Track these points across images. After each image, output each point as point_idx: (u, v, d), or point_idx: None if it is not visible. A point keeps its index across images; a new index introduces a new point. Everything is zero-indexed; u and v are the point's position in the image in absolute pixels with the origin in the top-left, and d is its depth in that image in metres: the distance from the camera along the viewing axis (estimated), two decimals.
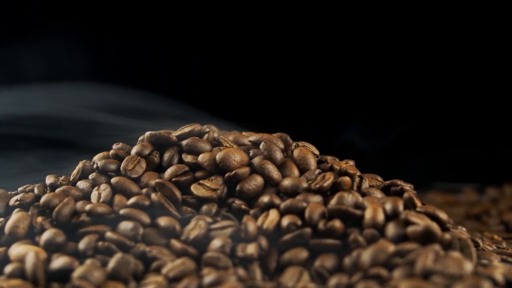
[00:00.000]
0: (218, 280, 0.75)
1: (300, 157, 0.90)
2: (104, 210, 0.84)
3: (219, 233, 0.82)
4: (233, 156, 0.89)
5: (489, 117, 1.47)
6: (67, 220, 0.84)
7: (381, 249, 0.76)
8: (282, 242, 0.81)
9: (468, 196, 1.41)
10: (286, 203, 0.84)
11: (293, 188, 0.86)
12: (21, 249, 0.80)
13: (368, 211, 0.81)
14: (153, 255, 0.80)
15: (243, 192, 0.87)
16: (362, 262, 0.76)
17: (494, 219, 1.25)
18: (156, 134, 0.93)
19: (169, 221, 0.83)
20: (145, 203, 0.84)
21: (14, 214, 0.85)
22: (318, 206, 0.83)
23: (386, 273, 0.74)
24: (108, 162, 0.90)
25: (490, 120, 1.48)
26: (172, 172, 0.89)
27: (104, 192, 0.87)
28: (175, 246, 0.81)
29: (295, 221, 0.82)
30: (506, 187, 1.41)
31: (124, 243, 0.81)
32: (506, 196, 1.37)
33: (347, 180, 0.87)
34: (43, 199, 0.85)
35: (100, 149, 0.97)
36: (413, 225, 0.79)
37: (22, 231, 0.83)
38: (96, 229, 0.82)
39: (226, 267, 0.78)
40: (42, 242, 0.81)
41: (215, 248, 0.80)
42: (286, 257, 0.80)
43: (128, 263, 0.77)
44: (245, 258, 0.79)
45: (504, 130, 1.47)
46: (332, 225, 0.81)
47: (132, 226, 0.82)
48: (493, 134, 1.47)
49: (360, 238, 0.79)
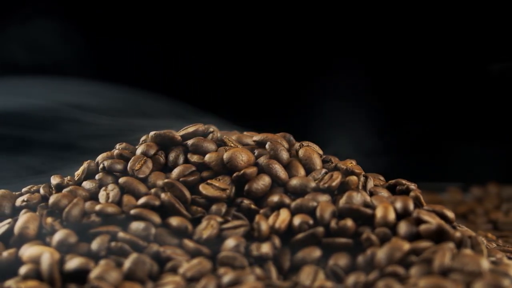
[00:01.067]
0: (237, 279, 0.75)
1: (306, 157, 0.91)
2: (114, 211, 0.83)
3: (232, 232, 0.82)
4: (241, 156, 0.89)
5: (472, 117, 1.50)
6: (77, 220, 0.83)
7: (397, 247, 0.77)
8: (294, 241, 0.82)
9: (452, 195, 1.43)
10: (297, 202, 0.84)
11: (302, 187, 0.87)
12: (34, 250, 0.79)
13: (379, 210, 0.82)
14: (167, 255, 0.79)
15: (251, 192, 0.87)
16: (378, 260, 0.77)
17: (481, 218, 1.27)
18: (161, 133, 0.92)
19: (180, 221, 0.83)
20: (155, 203, 0.84)
21: (23, 214, 0.84)
22: (329, 205, 0.83)
23: (403, 271, 0.75)
24: (114, 162, 0.89)
25: (473, 119, 1.50)
26: (180, 172, 0.89)
27: (112, 192, 0.86)
28: (188, 246, 0.81)
29: (307, 220, 0.82)
30: (490, 186, 1.43)
31: (137, 243, 0.80)
32: (491, 195, 1.40)
33: (355, 180, 0.88)
34: (52, 199, 0.85)
35: (95, 150, 0.97)
36: (426, 223, 0.80)
37: (32, 232, 0.82)
38: (107, 230, 0.82)
39: (243, 267, 0.78)
40: (54, 243, 0.80)
41: (229, 248, 0.80)
42: (300, 256, 0.80)
43: (144, 263, 0.77)
44: (261, 257, 0.79)
45: (487, 129, 1.50)
46: (345, 224, 0.81)
47: (144, 226, 0.81)
48: (476, 133, 1.49)
49: (373, 237, 0.80)
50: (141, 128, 1.04)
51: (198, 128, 0.94)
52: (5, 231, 0.83)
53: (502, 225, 1.22)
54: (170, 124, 1.01)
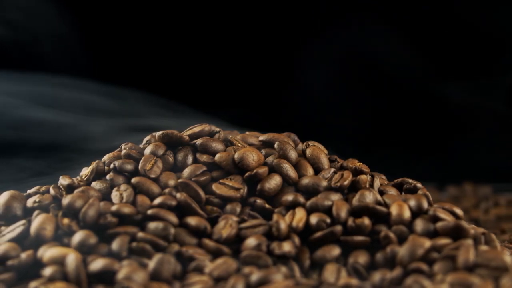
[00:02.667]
0: (265, 278, 0.75)
1: (314, 156, 0.92)
2: (130, 211, 0.83)
3: (252, 232, 0.82)
4: (252, 156, 0.89)
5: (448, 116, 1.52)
6: (94, 221, 0.82)
7: (419, 244, 0.78)
8: (313, 239, 0.82)
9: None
10: (312, 201, 0.85)
11: (314, 186, 0.88)
12: (55, 252, 0.78)
13: (394, 208, 0.84)
14: (189, 255, 0.79)
15: (264, 191, 0.87)
16: (400, 257, 0.78)
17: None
18: (169, 133, 0.92)
19: (199, 220, 0.83)
20: (172, 203, 0.84)
21: (38, 215, 0.82)
22: (344, 204, 0.85)
23: (426, 268, 0.76)
24: (125, 162, 0.89)
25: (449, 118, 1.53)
26: (191, 172, 0.88)
27: (125, 192, 0.85)
28: (209, 246, 0.81)
29: (324, 219, 0.83)
30: (466, 185, 1.47)
31: (157, 243, 0.80)
32: (467, 194, 1.43)
33: (365, 178, 0.89)
34: (67, 200, 0.83)
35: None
36: (442, 220, 0.82)
37: (49, 233, 0.80)
38: (125, 230, 0.81)
39: (267, 265, 0.79)
40: (74, 244, 0.79)
41: (251, 247, 0.80)
42: (319, 254, 0.81)
43: (169, 263, 0.77)
44: (284, 255, 0.80)
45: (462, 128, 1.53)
46: (362, 222, 0.83)
47: (163, 226, 0.81)
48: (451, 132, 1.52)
49: (391, 235, 0.81)
50: (129, 129, 1.04)
51: (204, 128, 0.94)
52: (21, 233, 0.81)
53: (484, 223, 1.25)
54: (161, 123, 1.01)
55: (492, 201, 1.35)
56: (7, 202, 0.85)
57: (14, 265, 0.78)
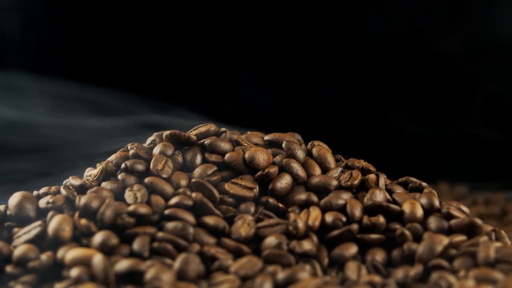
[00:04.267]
0: (292, 277, 0.76)
1: (321, 156, 0.93)
2: (147, 211, 0.82)
3: (270, 231, 0.83)
4: (262, 155, 0.90)
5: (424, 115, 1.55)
6: (112, 221, 0.81)
7: (438, 241, 0.80)
8: (330, 237, 0.83)
9: None
10: (326, 200, 0.86)
11: (325, 185, 0.88)
12: (77, 253, 0.77)
13: (406, 207, 0.85)
14: (212, 254, 0.79)
15: (275, 191, 0.88)
16: (420, 254, 0.79)
17: None
18: (177, 133, 0.92)
19: (217, 220, 0.83)
20: (189, 203, 0.83)
21: (55, 216, 0.81)
22: (358, 203, 0.86)
23: (447, 264, 0.78)
24: (136, 162, 0.88)
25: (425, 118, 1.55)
26: (202, 172, 0.88)
27: (139, 192, 0.85)
28: (229, 245, 0.81)
29: (340, 217, 0.84)
30: (441, 185, 1.50)
31: (178, 243, 0.80)
32: (443, 193, 1.46)
33: (374, 177, 0.91)
34: (84, 200, 0.82)
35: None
36: (456, 218, 0.84)
37: (68, 233, 0.79)
38: (144, 230, 0.80)
39: (289, 264, 0.79)
40: (96, 245, 0.78)
41: (272, 246, 0.81)
42: (337, 252, 0.82)
43: (194, 262, 0.77)
44: (305, 253, 0.81)
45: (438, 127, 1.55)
46: (377, 220, 0.84)
47: (182, 226, 0.81)
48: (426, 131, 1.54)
49: (407, 232, 0.83)
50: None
51: (210, 128, 0.94)
52: (37, 234, 0.80)
53: None
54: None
55: (470, 200, 1.38)
56: (20, 203, 0.84)
57: (35, 267, 0.76)
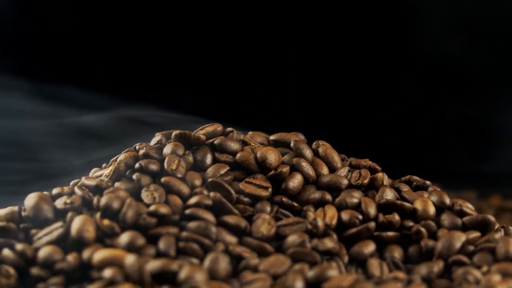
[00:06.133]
0: (322, 274, 0.77)
1: (327, 155, 0.94)
2: (168, 211, 0.82)
3: (291, 229, 0.83)
4: (273, 155, 0.91)
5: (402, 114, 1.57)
6: (134, 222, 0.81)
7: (456, 237, 0.82)
8: (348, 235, 0.85)
9: None
10: (340, 199, 0.87)
11: (336, 184, 0.90)
12: (105, 254, 0.76)
13: (419, 204, 0.87)
14: (238, 253, 0.79)
15: (288, 190, 0.89)
16: (440, 251, 0.82)
17: None
18: (186, 133, 0.91)
19: (238, 219, 0.83)
20: (208, 203, 0.83)
21: (77, 217, 0.80)
22: (371, 201, 0.87)
23: (467, 260, 0.80)
24: (150, 162, 0.87)
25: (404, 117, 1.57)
26: (215, 172, 0.89)
27: (156, 192, 0.84)
28: (252, 244, 0.81)
29: (357, 215, 0.85)
30: None
31: (203, 243, 0.79)
32: None
33: (382, 176, 0.92)
34: (105, 201, 0.81)
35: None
36: (469, 215, 0.86)
37: (92, 234, 0.78)
38: (167, 231, 0.80)
39: (315, 262, 0.80)
40: (123, 245, 0.77)
41: (295, 244, 0.81)
42: (356, 249, 0.84)
43: (224, 261, 0.77)
44: (329, 251, 0.82)
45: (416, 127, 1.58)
46: (393, 217, 0.86)
47: (205, 225, 0.81)
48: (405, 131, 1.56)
49: (423, 229, 0.85)
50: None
51: (217, 128, 0.94)
52: (60, 235, 0.79)
53: None
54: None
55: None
56: (37, 204, 0.82)
57: (63, 268, 0.75)
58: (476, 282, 0.76)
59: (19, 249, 0.77)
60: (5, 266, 0.76)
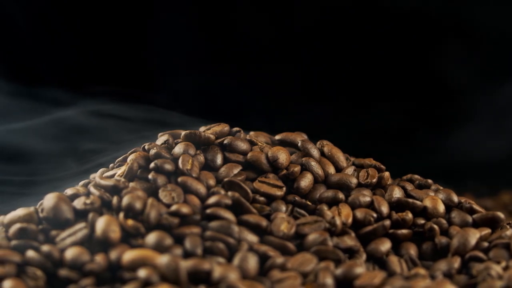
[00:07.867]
0: (349, 271, 0.78)
1: (333, 155, 0.95)
2: (189, 211, 0.82)
3: (310, 228, 0.84)
4: (283, 155, 0.91)
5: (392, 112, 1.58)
6: (157, 221, 0.80)
7: (471, 234, 0.84)
8: (364, 233, 0.86)
9: None
10: (353, 197, 0.89)
11: (346, 183, 0.91)
12: (135, 254, 0.75)
13: (428, 202, 0.90)
14: (263, 252, 0.80)
15: (300, 189, 0.89)
16: (456, 247, 0.84)
17: None
18: (196, 133, 0.91)
19: (258, 218, 0.83)
20: (228, 202, 0.83)
21: (100, 218, 0.79)
22: (383, 200, 0.89)
23: (483, 255, 0.83)
24: (165, 162, 0.87)
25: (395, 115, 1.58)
26: (229, 171, 0.89)
27: (174, 192, 0.84)
28: (274, 242, 0.82)
29: (371, 214, 0.87)
30: None
31: (228, 242, 0.79)
32: None
33: (388, 175, 0.94)
34: (127, 201, 0.80)
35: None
36: (479, 212, 0.89)
37: (118, 235, 0.77)
38: (191, 230, 0.80)
39: (339, 259, 0.81)
40: (151, 245, 0.77)
41: (318, 242, 0.82)
42: (372, 247, 0.85)
43: (253, 260, 0.77)
44: (350, 249, 0.83)
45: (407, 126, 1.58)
46: (406, 215, 0.88)
47: (227, 224, 0.81)
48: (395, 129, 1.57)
49: (436, 227, 0.87)
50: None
51: (224, 128, 0.94)
52: (84, 236, 0.78)
53: None
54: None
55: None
56: (56, 204, 0.80)
57: (94, 269, 0.74)
58: (498, 277, 0.78)
59: (45, 250, 0.76)
60: (31, 268, 0.75)
